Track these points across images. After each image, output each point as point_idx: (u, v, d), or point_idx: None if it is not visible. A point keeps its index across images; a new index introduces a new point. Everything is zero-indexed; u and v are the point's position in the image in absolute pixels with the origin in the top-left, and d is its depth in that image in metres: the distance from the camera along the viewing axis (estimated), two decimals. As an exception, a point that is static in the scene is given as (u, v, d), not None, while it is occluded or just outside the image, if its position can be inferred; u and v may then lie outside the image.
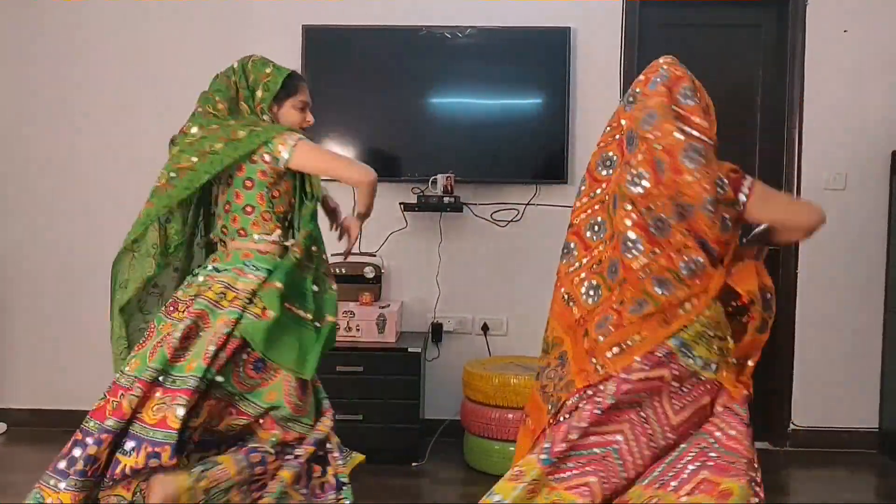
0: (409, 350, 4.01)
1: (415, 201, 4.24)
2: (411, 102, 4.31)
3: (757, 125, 4.40)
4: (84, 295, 4.46)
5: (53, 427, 4.42)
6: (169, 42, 4.41)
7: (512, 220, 4.37)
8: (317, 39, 4.27)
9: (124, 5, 4.40)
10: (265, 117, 2.66)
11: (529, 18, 4.28)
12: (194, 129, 2.66)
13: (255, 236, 2.62)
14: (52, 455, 3.80)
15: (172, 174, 2.63)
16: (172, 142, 2.71)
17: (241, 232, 2.63)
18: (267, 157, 2.56)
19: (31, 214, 4.48)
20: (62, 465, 2.51)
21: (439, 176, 4.17)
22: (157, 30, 4.41)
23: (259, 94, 2.65)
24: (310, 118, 2.74)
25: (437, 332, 4.41)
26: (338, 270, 4.19)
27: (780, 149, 4.35)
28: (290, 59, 4.30)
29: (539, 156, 4.33)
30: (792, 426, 4.35)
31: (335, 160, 2.74)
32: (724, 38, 4.42)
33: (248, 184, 2.60)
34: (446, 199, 4.19)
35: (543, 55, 4.27)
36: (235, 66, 2.68)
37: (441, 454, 4.15)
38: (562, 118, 4.25)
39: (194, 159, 2.59)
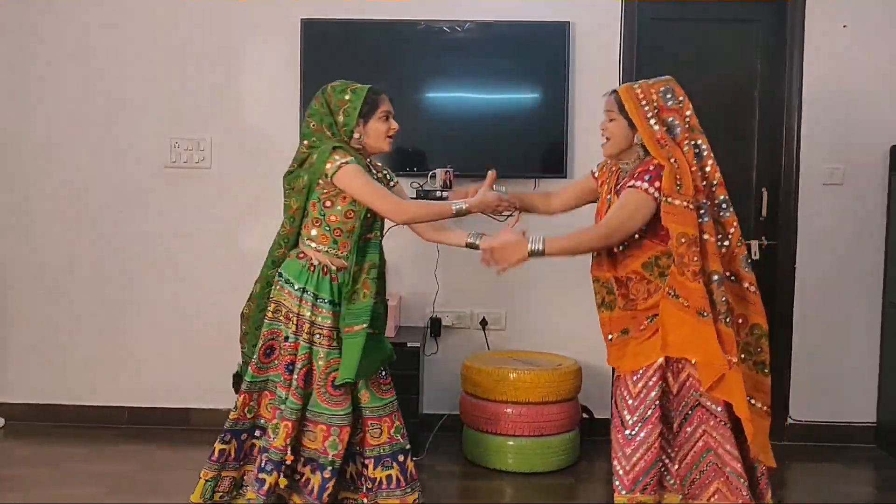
0: (408, 345, 4.01)
1: (413, 195, 4.22)
2: (410, 96, 4.30)
3: (755, 120, 4.40)
4: (81, 289, 4.46)
5: (51, 422, 4.43)
6: (167, 35, 4.38)
7: (510, 215, 4.36)
8: (315, 33, 4.26)
9: (121, 0, 4.39)
10: (354, 136, 2.82)
11: (528, 13, 4.28)
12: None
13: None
14: (49, 449, 3.81)
15: (290, 219, 2.92)
16: None
17: None
18: (321, 181, 2.78)
19: (26, 209, 4.46)
20: None
21: (438, 170, 4.16)
22: (155, 24, 4.38)
23: (340, 119, 2.80)
24: (394, 125, 2.86)
25: (435, 326, 4.41)
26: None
27: (779, 144, 4.35)
28: (289, 52, 4.31)
29: (538, 150, 4.32)
30: (789, 420, 4.36)
31: (370, 190, 2.74)
32: (723, 33, 4.42)
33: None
34: (445, 194, 4.17)
35: (542, 49, 4.27)
36: (319, 92, 2.87)
37: (440, 449, 4.16)
38: (561, 113, 4.25)
39: (297, 199, 2.88)
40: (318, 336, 2.78)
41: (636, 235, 2.61)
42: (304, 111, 4.22)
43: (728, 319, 2.52)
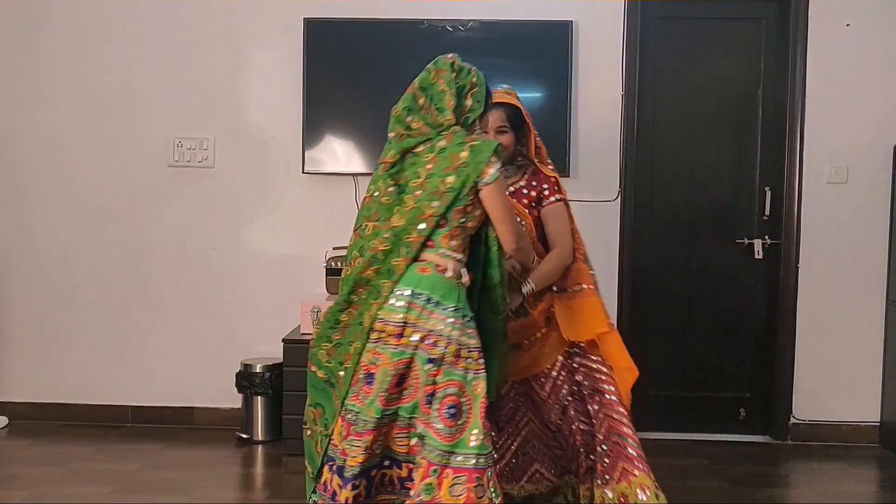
0: (411, 344, 3.99)
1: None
2: (413, 96, 4.30)
3: (758, 119, 4.39)
4: (86, 287, 4.46)
5: (54, 421, 4.44)
6: (170, 35, 4.39)
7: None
8: (318, 33, 4.26)
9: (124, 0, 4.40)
10: (476, 128, 2.51)
11: (531, 12, 4.27)
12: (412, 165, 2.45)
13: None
14: (54, 448, 3.80)
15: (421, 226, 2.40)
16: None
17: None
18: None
19: (30, 208, 4.46)
20: None
21: (441, 169, 4.16)
22: (157, 22, 4.38)
23: (468, 103, 2.46)
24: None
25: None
26: (338, 264, 4.19)
27: (782, 143, 4.33)
28: (292, 51, 4.31)
29: (541, 149, 4.31)
30: (793, 420, 4.35)
31: (510, 209, 2.47)
32: (726, 32, 4.41)
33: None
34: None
35: (545, 49, 4.26)
36: (435, 65, 2.49)
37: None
38: (564, 112, 4.24)
39: (435, 204, 2.39)
40: (468, 361, 2.36)
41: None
42: (307, 111, 4.26)
43: (599, 290, 2.90)
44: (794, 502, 3.69)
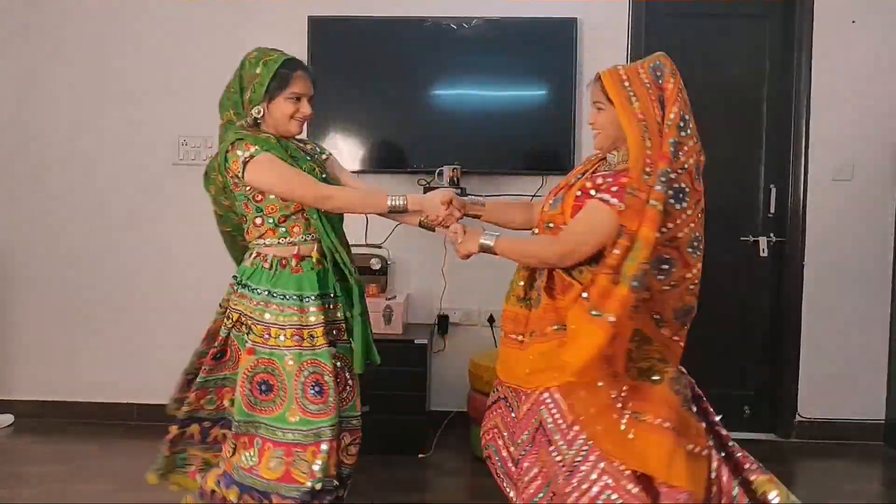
0: (416, 342, 4.01)
1: (421, 193, 4.23)
2: (417, 94, 4.30)
3: (764, 116, 4.39)
4: (91, 286, 4.47)
5: (60, 419, 4.45)
6: (174, 33, 4.40)
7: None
8: (322, 30, 4.26)
9: (129, -4, 4.40)
10: (248, 119, 2.61)
11: (536, 9, 4.26)
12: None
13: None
14: (59, 446, 3.82)
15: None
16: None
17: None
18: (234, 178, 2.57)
19: (36, 206, 4.48)
20: None
21: (445, 167, 4.16)
22: (162, 21, 4.39)
23: (247, 96, 2.58)
24: (304, 109, 2.61)
25: (443, 323, 4.41)
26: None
27: (788, 140, 4.33)
28: (296, 50, 4.28)
29: (545, 147, 4.31)
30: (798, 418, 4.35)
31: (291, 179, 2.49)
32: (731, 29, 4.40)
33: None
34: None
35: (550, 46, 4.25)
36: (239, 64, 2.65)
37: (447, 445, 4.16)
38: (568, 109, 4.24)
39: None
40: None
41: None
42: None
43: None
44: (799, 501, 3.68)
